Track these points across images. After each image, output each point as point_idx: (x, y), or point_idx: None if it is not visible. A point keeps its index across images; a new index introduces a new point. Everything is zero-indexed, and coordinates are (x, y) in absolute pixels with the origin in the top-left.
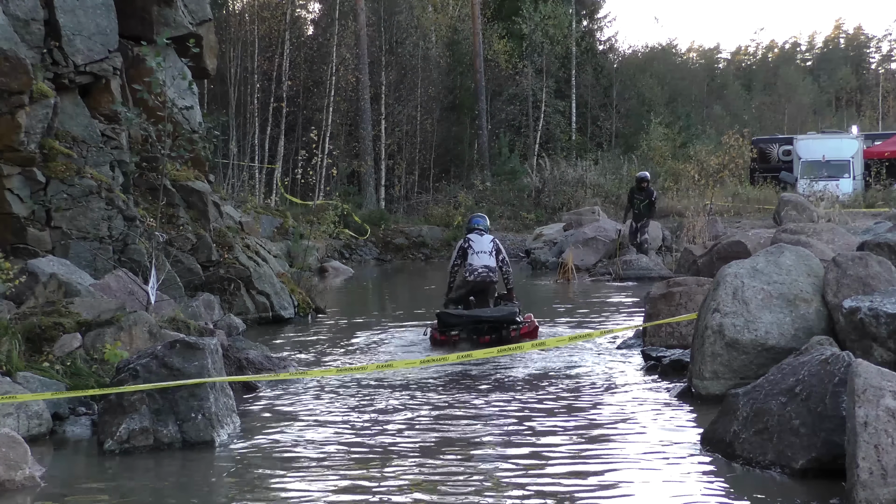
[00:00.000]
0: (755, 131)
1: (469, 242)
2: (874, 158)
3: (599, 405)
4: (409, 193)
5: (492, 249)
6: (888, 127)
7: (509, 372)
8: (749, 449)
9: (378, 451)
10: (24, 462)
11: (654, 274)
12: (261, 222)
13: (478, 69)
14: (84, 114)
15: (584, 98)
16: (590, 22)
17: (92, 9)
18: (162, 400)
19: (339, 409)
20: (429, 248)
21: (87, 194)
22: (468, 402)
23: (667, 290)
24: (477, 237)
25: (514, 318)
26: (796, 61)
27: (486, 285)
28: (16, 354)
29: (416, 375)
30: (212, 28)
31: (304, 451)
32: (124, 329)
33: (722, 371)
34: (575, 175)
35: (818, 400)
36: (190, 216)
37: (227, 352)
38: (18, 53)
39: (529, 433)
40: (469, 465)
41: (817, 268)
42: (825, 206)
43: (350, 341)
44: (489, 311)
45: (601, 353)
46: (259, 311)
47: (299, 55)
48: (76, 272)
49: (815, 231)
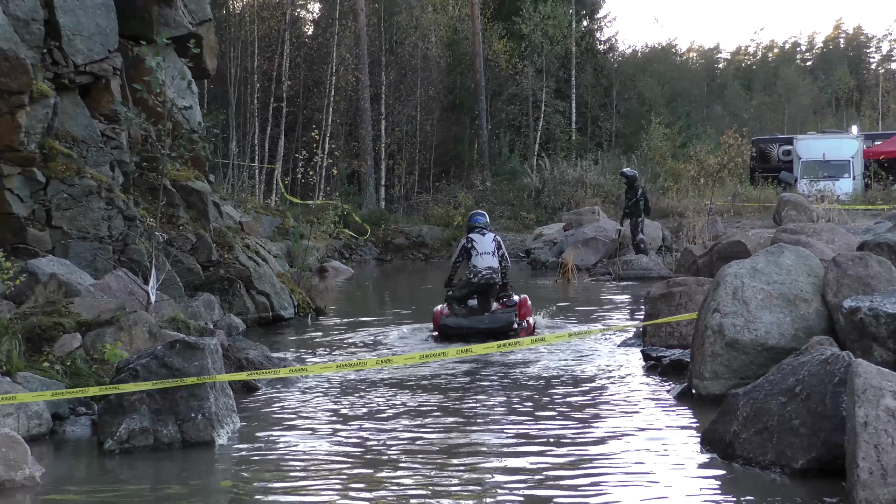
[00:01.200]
0: (755, 131)
1: (472, 243)
2: (874, 158)
3: (599, 405)
4: (409, 193)
5: (494, 249)
6: (888, 127)
7: (509, 372)
8: (749, 449)
9: (378, 451)
10: (24, 462)
11: (654, 274)
12: (261, 222)
13: (478, 69)
14: (84, 114)
15: (584, 98)
16: (590, 22)
17: (92, 9)
18: (162, 400)
19: (340, 409)
20: (429, 248)
21: (87, 194)
22: (468, 402)
23: (667, 290)
24: (479, 237)
25: (511, 326)
26: (796, 61)
27: (490, 287)
28: (16, 354)
29: (416, 375)
30: (212, 28)
31: (304, 451)
32: (124, 329)
33: (722, 371)
34: (575, 175)
35: (818, 400)
36: (190, 216)
37: (227, 352)
38: (18, 53)
39: (529, 433)
40: (469, 465)
41: (817, 268)
42: (825, 205)
43: (350, 341)
44: (487, 318)
45: (601, 352)
46: (259, 311)
47: (299, 55)
48: (76, 272)
49: (815, 231)
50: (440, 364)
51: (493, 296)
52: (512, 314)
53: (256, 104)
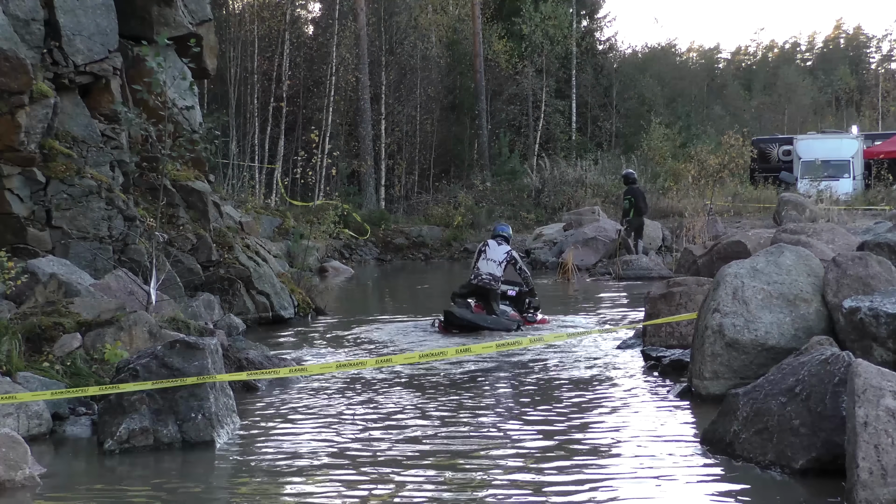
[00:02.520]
0: (755, 131)
1: (486, 247)
2: (874, 158)
3: (599, 405)
4: (409, 193)
5: (503, 260)
6: (888, 127)
7: (509, 371)
8: (749, 449)
9: (378, 451)
10: (24, 462)
11: (654, 274)
12: (261, 222)
13: (478, 69)
14: (84, 114)
15: (584, 98)
16: (590, 22)
17: (92, 9)
18: (162, 400)
19: (340, 409)
20: (429, 248)
21: (87, 194)
22: (468, 402)
23: (667, 290)
24: (494, 245)
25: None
26: (796, 61)
27: (487, 291)
28: (16, 354)
29: (415, 376)
30: (212, 28)
31: (303, 451)
32: (124, 329)
33: (722, 371)
34: (575, 175)
35: (818, 400)
36: (190, 216)
37: (227, 352)
38: (18, 53)
39: (528, 432)
40: (468, 465)
41: (817, 268)
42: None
43: (350, 341)
44: (490, 320)
45: (601, 353)
46: (259, 311)
47: (299, 55)
48: (76, 272)
49: (815, 231)
50: (440, 364)
51: (492, 300)
52: (516, 325)
53: (256, 104)
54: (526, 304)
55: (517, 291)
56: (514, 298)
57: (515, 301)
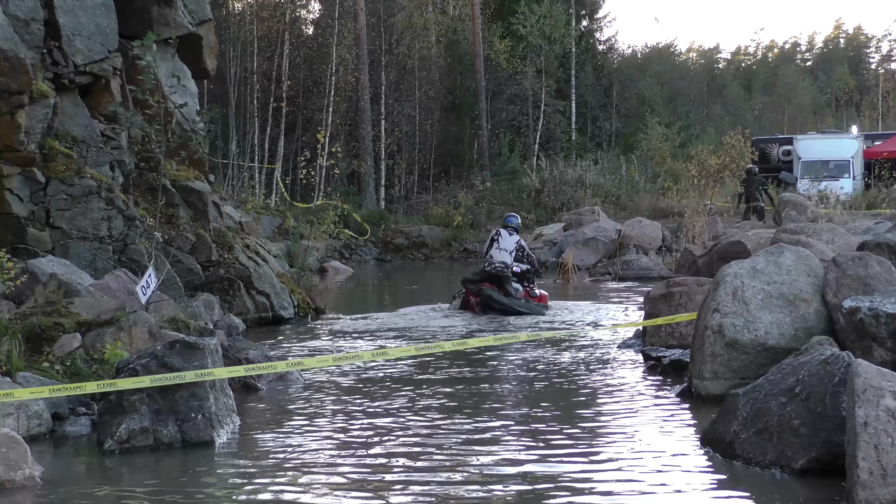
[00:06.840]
0: (755, 131)
1: (498, 236)
2: (876, 158)
3: (599, 405)
4: (409, 193)
5: (514, 249)
6: (888, 127)
7: (509, 371)
8: (749, 449)
9: (379, 451)
10: (24, 462)
11: (654, 274)
12: (261, 222)
13: (478, 69)
14: (84, 114)
15: (584, 98)
16: (589, 22)
17: (92, 9)
18: (162, 400)
19: (340, 409)
20: (429, 248)
21: (87, 194)
22: (467, 402)
23: (667, 290)
24: (506, 234)
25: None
26: (796, 61)
27: (499, 278)
28: (16, 354)
29: (415, 374)
30: (212, 28)
31: (303, 451)
32: (124, 329)
33: (722, 371)
34: (575, 175)
35: (818, 400)
36: (189, 216)
37: (227, 352)
38: (18, 53)
39: (528, 432)
40: (468, 464)
41: (817, 268)
42: (825, 206)
43: (350, 341)
44: (524, 305)
45: (601, 353)
46: (259, 311)
47: (299, 55)
48: (76, 272)
49: (815, 231)
50: (439, 363)
51: (506, 283)
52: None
53: (256, 104)
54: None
55: (522, 269)
56: (520, 274)
57: (520, 277)
